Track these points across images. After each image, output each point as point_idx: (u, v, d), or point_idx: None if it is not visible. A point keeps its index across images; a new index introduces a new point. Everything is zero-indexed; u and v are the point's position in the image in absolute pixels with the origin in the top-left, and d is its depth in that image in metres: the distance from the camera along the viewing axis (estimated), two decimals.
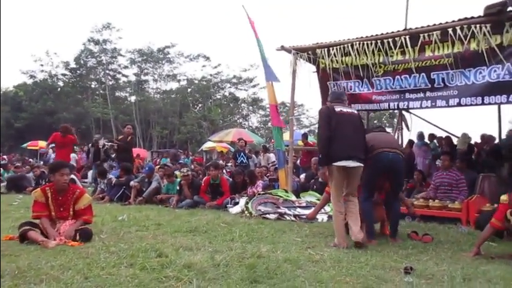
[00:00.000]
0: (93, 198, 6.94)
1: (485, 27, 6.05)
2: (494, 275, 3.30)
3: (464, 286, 3.01)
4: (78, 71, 41.03)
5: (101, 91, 41.98)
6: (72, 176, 9.56)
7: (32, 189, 8.18)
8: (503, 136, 9.57)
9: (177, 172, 10.30)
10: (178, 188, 8.68)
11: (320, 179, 8.14)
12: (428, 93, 6.99)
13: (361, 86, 7.65)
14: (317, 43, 7.91)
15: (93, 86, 43.26)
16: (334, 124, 4.56)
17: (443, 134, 10.67)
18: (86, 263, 3.43)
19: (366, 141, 4.79)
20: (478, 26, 6.11)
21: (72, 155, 17.02)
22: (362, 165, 4.59)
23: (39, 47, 68.95)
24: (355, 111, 4.91)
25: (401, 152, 4.89)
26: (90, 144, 11.69)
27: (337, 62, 7.60)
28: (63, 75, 41.07)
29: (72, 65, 40.42)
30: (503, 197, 4.11)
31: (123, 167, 9.87)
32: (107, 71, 41.60)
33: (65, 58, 40.53)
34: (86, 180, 14.25)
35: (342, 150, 4.50)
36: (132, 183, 9.14)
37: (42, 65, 39.03)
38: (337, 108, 4.68)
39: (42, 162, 16.50)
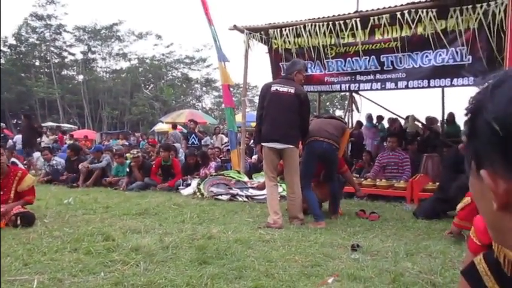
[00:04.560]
0: (37, 181, 6.65)
1: (432, 12, 6.24)
2: (434, 250, 3.46)
3: (407, 261, 3.13)
4: (18, 48, 38.60)
5: (46, 69, 39.87)
6: (13, 159, 9.09)
7: None
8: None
9: (127, 154, 10.03)
10: (128, 170, 8.45)
11: None
12: (378, 76, 7.15)
13: (314, 68, 7.69)
14: (270, 23, 7.85)
15: (37, 64, 40.98)
16: (266, 104, 4.63)
17: (390, 116, 11.03)
18: (26, 249, 3.28)
19: (304, 123, 4.76)
20: (424, 10, 6.28)
21: (17, 137, 16.14)
22: (291, 146, 4.60)
23: None
24: (293, 91, 4.62)
25: (336, 143, 4.92)
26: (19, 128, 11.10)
27: (289, 43, 7.59)
28: (3, 52, 38.54)
29: (11, 41, 38.00)
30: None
31: (72, 147, 9.53)
32: (52, 48, 39.48)
33: (2, 34, 38.03)
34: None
35: (268, 132, 4.59)
36: (80, 165, 8.80)
37: None
38: (273, 87, 4.67)
39: None
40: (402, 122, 10.92)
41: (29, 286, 2.48)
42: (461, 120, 9.36)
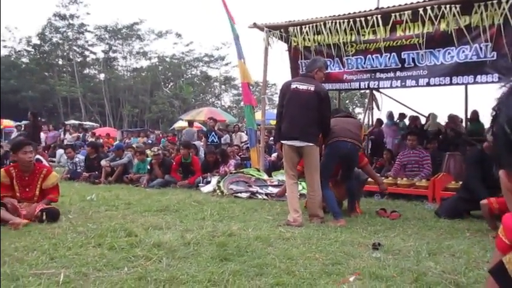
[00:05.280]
0: (61, 178, 6.79)
1: (455, 7, 6.12)
2: (457, 249, 3.41)
3: (430, 260, 3.10)
4: (42, 48, 39.45)
5: (68, 68, 40.66)
6: (38, 156, 9.29)
7: None
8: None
9: (147, 151, 10.16)
10: (149, 167, 8.57)
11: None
12: (398, 73, 7.06)
13: (333, 65, 7.63)
14: (289, 21, 7.82)
15: (60, 63, 41.82)
16: (286, 102, 4.64)
17: (412, 114, 10.87)
18: (52, 244, 3.35)
19: (325, 120, 4.72)
20: (448, 6, 6.16)
21: (42, 135, 16.52)
22: (310, 144, 4.57)
23: None
24: (312, 89, 4.61)
25: (359, 143, 4.96)
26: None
27: (309, 41, 7.55)
28: (27, 51, 39.46)
29: (35, 41, 38.86)
30: None
31: (91, 145, 9.68)
32: (74, 47, 40.23)
33: (26, 33, 39.08)
34: (53, 159, 13.88)
35: (288, 130, 4.61)
36: (102, 162, 8.97)
37: (4, 40, 37.44)
38: (293, 85, 4.68)
39: (6, 141, 15.91)
40: (423, 120, 10.75)
41: (56, 279, 2.55)
42: (485, 118, 9.19)
